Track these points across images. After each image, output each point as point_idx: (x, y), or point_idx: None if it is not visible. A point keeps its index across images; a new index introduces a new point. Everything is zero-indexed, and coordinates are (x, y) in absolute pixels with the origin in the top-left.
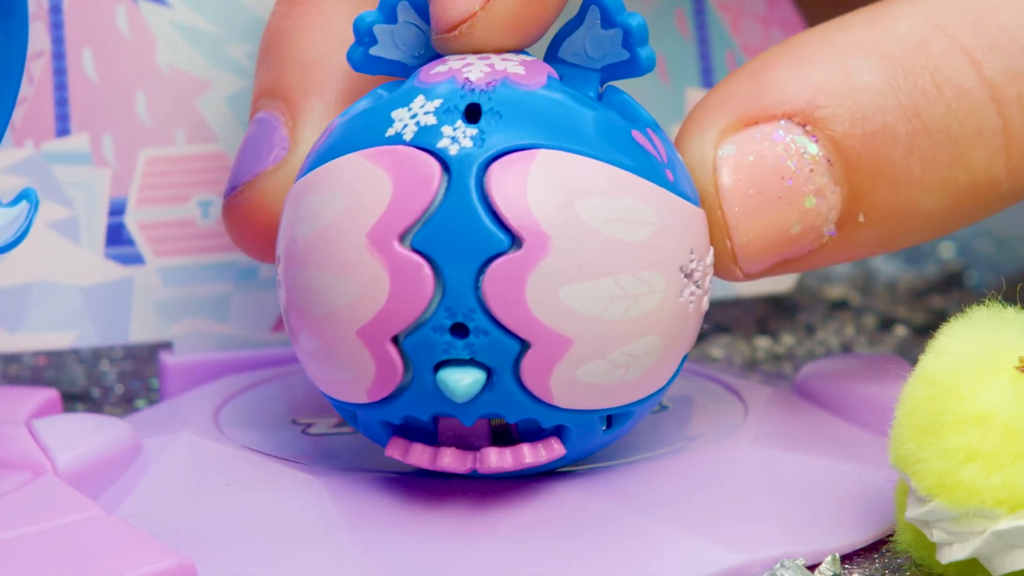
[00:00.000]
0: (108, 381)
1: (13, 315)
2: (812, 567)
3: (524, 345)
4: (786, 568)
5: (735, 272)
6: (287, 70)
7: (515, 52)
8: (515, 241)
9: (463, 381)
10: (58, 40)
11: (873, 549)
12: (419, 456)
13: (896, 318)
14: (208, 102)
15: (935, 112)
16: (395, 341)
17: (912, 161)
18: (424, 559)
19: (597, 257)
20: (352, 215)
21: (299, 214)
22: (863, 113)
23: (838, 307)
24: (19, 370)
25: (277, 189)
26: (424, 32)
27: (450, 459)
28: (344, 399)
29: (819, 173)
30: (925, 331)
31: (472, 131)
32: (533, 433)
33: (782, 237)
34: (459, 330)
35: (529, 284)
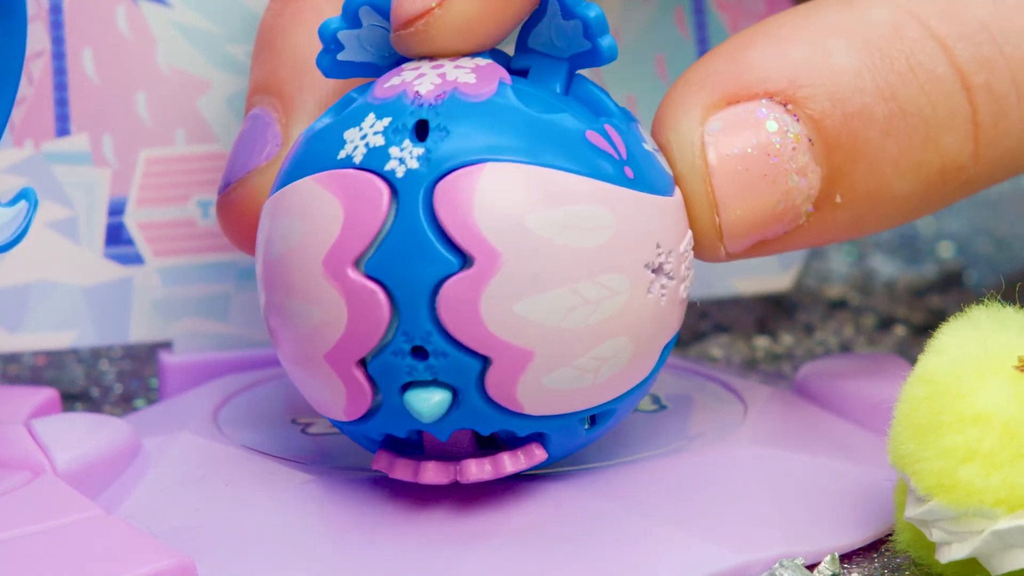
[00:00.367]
0: (107, 381)
1: (13, 315)
2: (811, 567)
3: (485, 362)
4: (785, 568)
5: (719, 251)
6: (281, 67)
7: (472, 56)
8: (466, 260)
9: (428, 402)
10: (58, 40)
11: (872, 549)
12: (402, 471)
13: (895, 318)
14: (208, 102)
15: (910, 95)
16: (362, 363)
17: (888, 143)
18: (425, 559)
19: (550, 268)
20: (308, 241)
21: (267, 236)
22: (842, 94)
23: (837, 307)
24: (18, 370)
25: (269, 186)
26: (390, 32)
27: (432, 472)
28: (326, 415)
29: (801, 152)
30: (924, 331)
31: (419, 151)
32: (513, 438)
33: (767, 215)
34: (419, 353)
35: (483, 302)
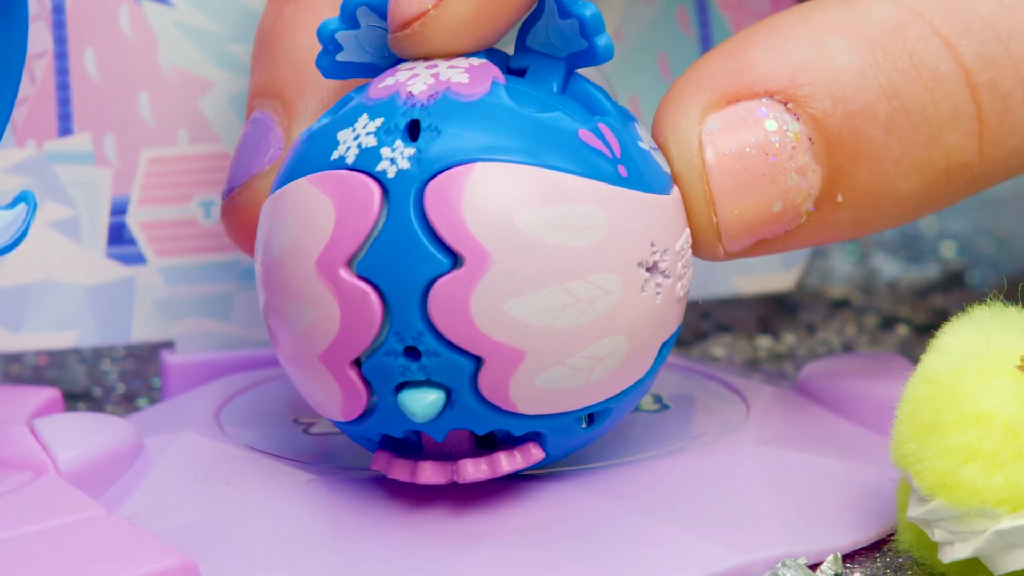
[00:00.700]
0: (110, 380)
1: (15, 315)
2: (814, 566)
3: (478, 361)
4: (788, 567)
5: (717, 250)
6: (281, 70)
7: (467, 56)
8: (456, 260)
9: (422, 402)
10: (60, 40)
11: (875, 548)
12: (400, 471)
13: (898, 317)
14: (210, 102)
15: (913, 93)
16: (357, 364)
17: (890, 142)
18: (427, 558)
19: (541, 267)
20: (302, 242)
21: (265, 237)
22: (843, 93)
23: (840, 306)
24: (21, 369)
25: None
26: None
27: (430, 472)
28: (325, 415)
29: (801, 151)
30: (926, 330)
31: (410, 151)
32: (511, 437)
33: (766, 214)
34: (411, 353)
35: (473, 301)
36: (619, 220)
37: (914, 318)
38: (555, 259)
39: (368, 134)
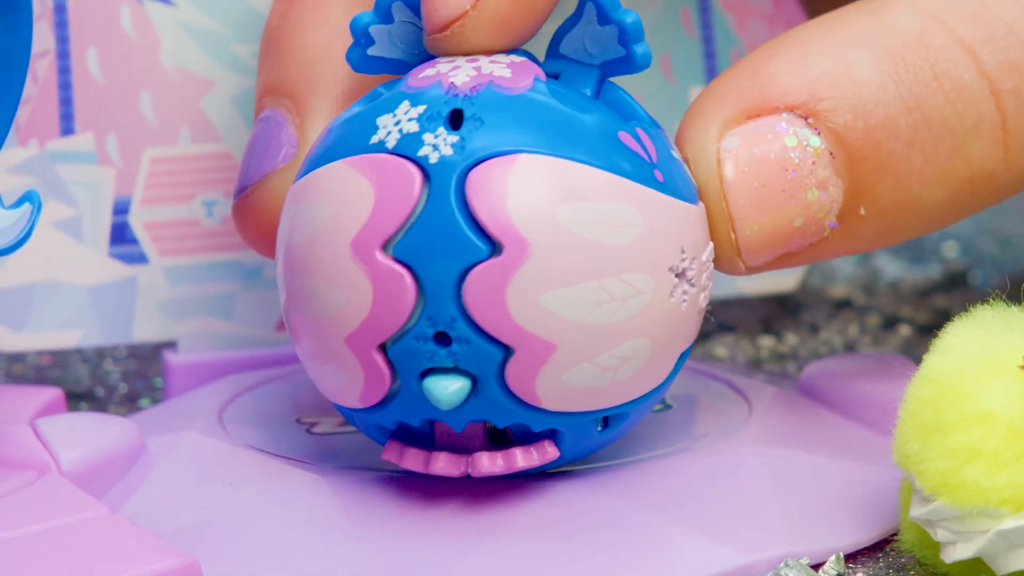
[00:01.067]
0: (112, 380)
1: (17, 314)
2: (816, 566)
3: (507, 351)
4: (790, 567)
5: (738, 265)
6: (290, 68)
7: (506, 53)
8: (495, 248)
9: (448, 389)
10: (63, 39)
11: (877, 548)
12: (413, 460)
13: (900, 317)
14: (213, 101)
15: (935, 105)
16: (382, 348)
17: (913, 154)
18: (430, 558)
19: (579, 262)
20: (337, 224)
21: (293, 220)
22: (864, 106)
23: (842, 306)
24: (23, 369)
25: (287, 189)
26: (422, 29)
27: (444, 463)
28: (340, 403)
29: (821, 166)
30: (929, 330)
31: (453, 138)
32: (526, 435)
33: (785, 230)
34: (442, 338)
35: (509, 290)
36: (654, 223)
37: (916, 318)
38: (593, 255)
39: (410, 120)
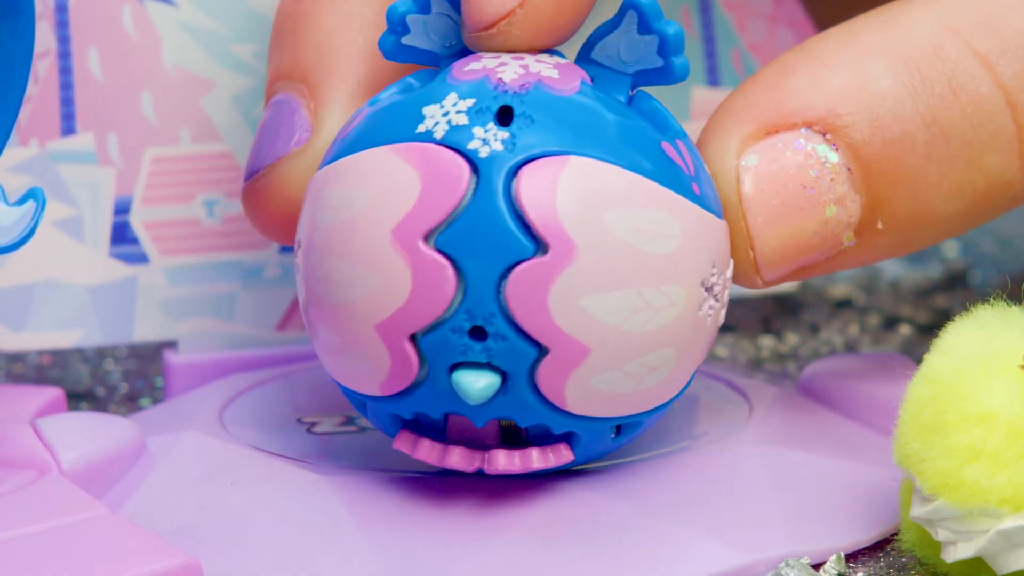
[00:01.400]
0: (113, 380)
1: (18, 314)
2: (817, 566)
3: (542, 351)
4: (791, 567)
5: (755, 281)
6: (304, 52)
7: (548, 53)
8: (540, 247)
9: (477, 384)
10: (64, 39)
11: (878, 548)
12: (427, 452)
13: (900, 317)
14: (213, 101)
15: (952, 119)
16: (412, 338)
17: (930, 168)
18: (431, 559)
19: (622, 268)
20: (378, 209)
21: (324, 202)
22: (882, 121)
23: (842, 306)
24: (24, 369)
25: (301, 173)
26: (457, 23)
27: (458, 458)
28: (356, 389)
29: (839, 182)
30: (929, 330)
31: (503, 134)
32: (542, 437)
33: (803, 246)
34: (478, 333)
35: (552, 291)
36: (692, 235)
37: (917, 318)
38: (636, 262)
39: (459, 112)
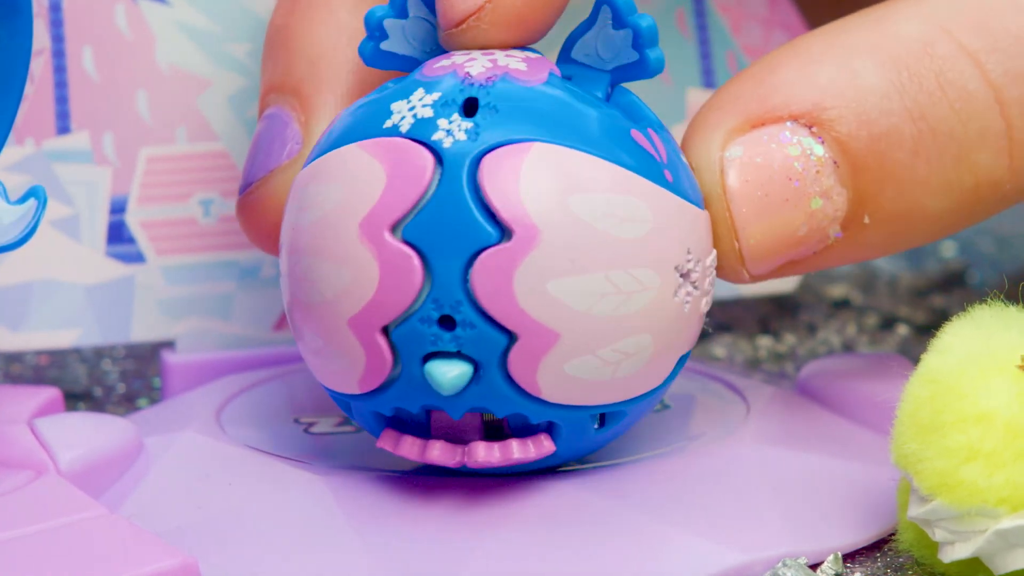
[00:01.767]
0: (110, 380)
1: (15, 314)
2: (814, 566)
3: (511, 338)
4: (788, 567)
5: (742, 274)
6: (296, 65)
7: (520, 49)
8: (504, 233)
9: (449, 374)
10: (58, 38)
11: (875, 548)
12: (409, 448)
13: (898, 317)
14: (209, 100)
15: (940, 114)
16: (385, 332)
17: (917, 163)
18: (427, 557)
19: (588, 252)
20: (347, 205)
21: (301, 203)
22: (869, 115)
23: (840, 306)
24: (21, 369)
25: (291, 185)
26: (435, 26)
27: (439, 452)
28: (338, 389)
29: (825, 175)
30: (927, 330)
31: (467, 124)
32: (523, 429)
33: (789, 239)
34: (446, 322)
35: (517, 276)
36: (662, 220)
37: (914, 318)
38: (601, 246)
39: (424, 106)
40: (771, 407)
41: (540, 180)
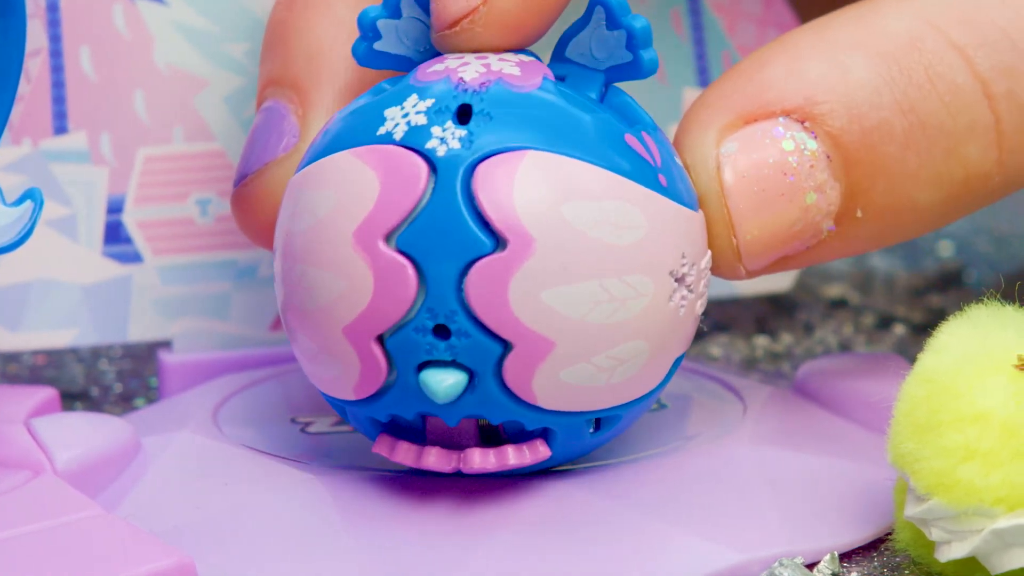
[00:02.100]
0: (107, 380)
1: (12, 314)
2: (811, 565)
3: (506, 347)
4: (785, 566)
5: (738, 270)
6: (295, 59)
7: (514, 52)
8: (499, 242)
9: (444, 383)
10: (55, 38)
11: (872, 547)
12: (404, 454)
13: (895, 316)
14: (206, 100)
15: (930, 107)
16: (380, 340)
17: (908, 156)
18: (424, 557)
19: (582, 260)
20: (341, 213)
21: (294, 209)
22: (860, 109)
23: (837, 306)
24: (18, 369)
25: (287, 178)
26: (428, 26)
27: (435, 458)
28: (333, 395)
29: (819, 169)
30: (924, 329)
31: (461, 132)
32: (519, 434)
33: (785, 233)
34: (441, 331)
35: (512, 285)
36: (656, 226)
37: (911, 317)
38: (595, 253)
39: (418, 113)
40: (768, 407)
41: (534, 189)
